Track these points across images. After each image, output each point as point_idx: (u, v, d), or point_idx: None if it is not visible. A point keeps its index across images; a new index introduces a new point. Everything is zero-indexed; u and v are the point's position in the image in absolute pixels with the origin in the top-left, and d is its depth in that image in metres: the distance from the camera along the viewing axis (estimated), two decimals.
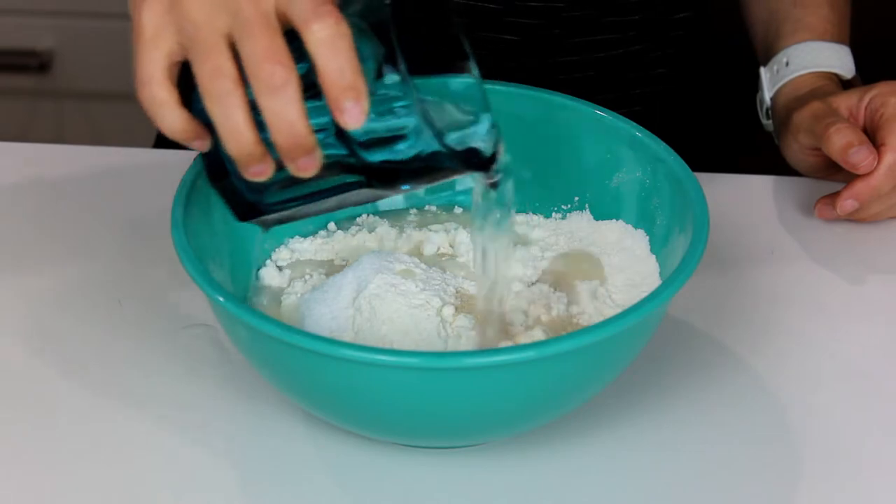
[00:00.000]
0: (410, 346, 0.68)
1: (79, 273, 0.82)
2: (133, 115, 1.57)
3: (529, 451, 0.70)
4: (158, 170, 0.87)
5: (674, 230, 0.73)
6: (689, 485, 0.69)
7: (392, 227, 0.79)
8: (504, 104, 0.79)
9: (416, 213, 0.81)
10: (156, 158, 0.95)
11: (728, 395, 0.74)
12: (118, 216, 0.87)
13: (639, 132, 0.76)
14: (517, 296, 0.73)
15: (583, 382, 0.66)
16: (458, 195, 0.82)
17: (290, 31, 0.58)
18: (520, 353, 0.61)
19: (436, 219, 0.81)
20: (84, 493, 0.67)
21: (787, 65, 0.94)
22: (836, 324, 0.80)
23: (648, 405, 0.73)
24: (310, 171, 0.60)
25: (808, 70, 0.93)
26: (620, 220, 0.78)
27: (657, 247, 0.75)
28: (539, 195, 0.81)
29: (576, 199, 0.80)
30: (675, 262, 0.67)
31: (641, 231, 0.77)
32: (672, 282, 0.65)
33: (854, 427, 0.73)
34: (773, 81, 0.95)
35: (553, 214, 0.81)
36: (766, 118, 0.97)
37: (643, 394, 0.74)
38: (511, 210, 0.67)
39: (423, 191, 0.81)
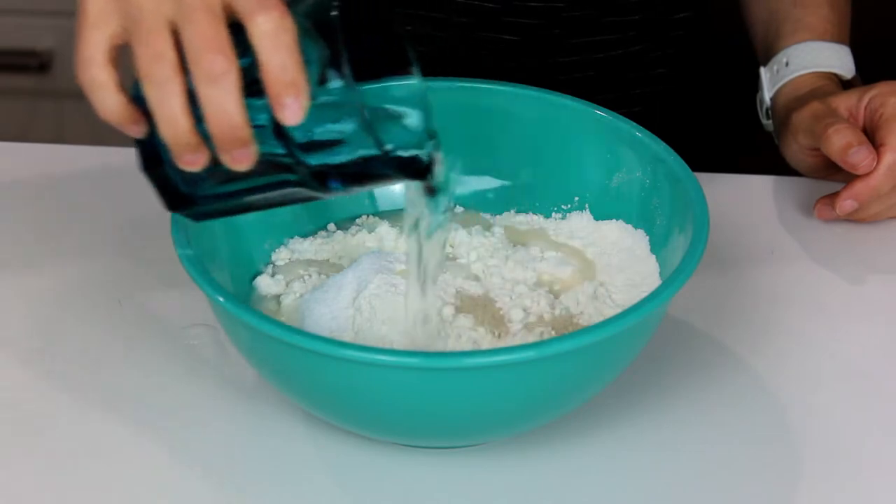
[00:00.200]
0: (410, 347, 0.68)
1: (79, 273, 0.82)
2: None
3: (529, 451, 0.70)
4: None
5: (674, 230, 0.72)
6: (689, 485, 0.69)
7: (392, 227, 0.79)
8: (504, 104, 0.80)
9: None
10: None
11: (728, 395, 0.74)
12: (118, 216, 0.87)
13: (639, 132, 0.76)
14: (519, 297, 0.73)
15: (583, 382, 0.66)
16: (458, 195, 0.82)
17: (236, 24, 0.58)
18: (520, 353, 0.61)
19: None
20: (84, 493, 0.67)
21: (787, 65, 0.94)
22: (836, 324, 0.80)
23: (648, 405, 0.73)
24: (244, 165, 0.59)
25: (808, 70, 0.93)
26: (620, 220, 0.78)
27: (657, 247, 0.75)
28: (539, 195, 0.81)
29: (576, 199, 0.80)
30: (675, 262, 0.67)
31: (641, 231, 0.77)
32: (672, 282, 0.65)
33: (854, 427, 0.73)
34: (773, 81, 0.95)
35: (553, 214, 0.81)
36: (766, 118, 0.97)
37: (643, 394, 0.74)
38: (447, 217, 0.66)
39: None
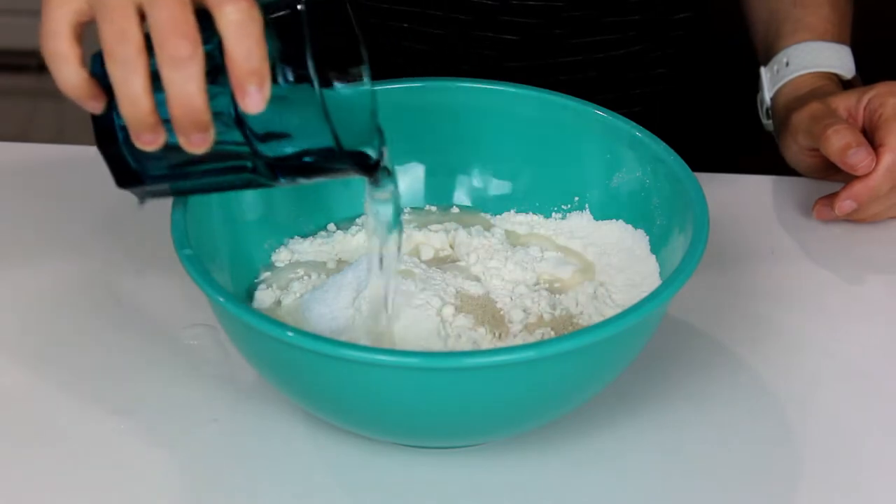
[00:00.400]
0: (410, 346, 0.68)
1: (78, 273, 0.82)
2: None
3: (529, 451, 0.70)
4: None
5: (674, 230, 0.72)
6: (689, 484, 0.69)
7: None
8: (504, 104, 0.80)
9: (416, 214, 0.81)
10: None
11: (728, 395, 0.74)
12: (118, 216, 0.87)
13: (639, 132, 0.76)
14: (520, 297, 0.73)
15: (583, 382, 0.66)
16: (457, 196, 0.82)
17: (201, 11, 0.59)
18: (520, 353, 0.61)
19: (436, 219, 0.81)
20: (83, 493, 0.67)
21: (787, 65, 0.94)
22: (836, 324, 0.80)
23: (648, 405, 0.73)
24: (201, 149, 0.60)
25: (808, 70, 0.93)
26: (620, 220, 0.78)
27: (657, 247, 0.75)
28: (539, 195, 0.81)
29: (576, 199, 0.80)
30: (675, 262, 0.67)
31: (641, 231, 0.77)
32: (672, 282, 0.65)
33: (854, 427, 0.73)
34: (773, 81, 0.95)
35: (553, 214, 0.81)
36: (767, 118, 0.97)
37: (643, 394, 0.74)
38: (400, 213, 0.68)
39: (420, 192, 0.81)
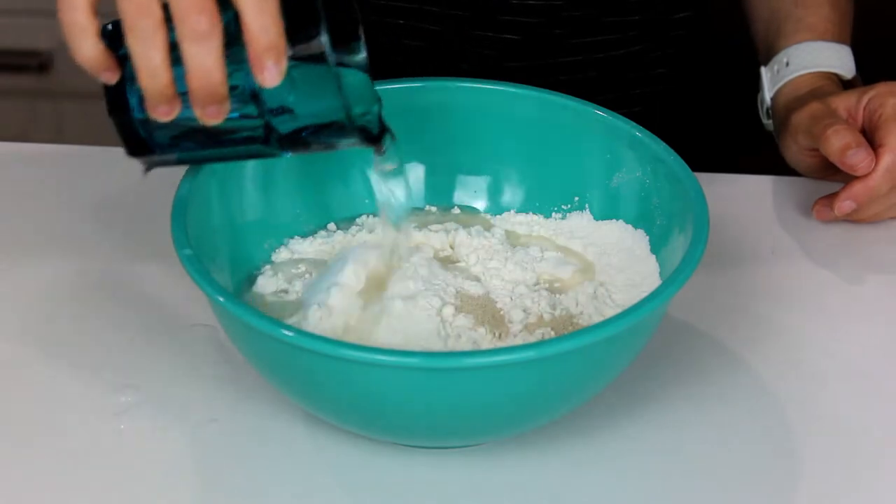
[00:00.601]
0: (410, 347, 0.68)
1: (78, 273, 0.82)
2: None
3: (529, 451, 0.70)
4: (158, 170, 0.87)
5: (674, 230, 0.72)
6: (689, 484, 0.69)
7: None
8: (504, 104, 0.80)
9: (416, 214, 0.81)
10: None
11: (728, 395, 0.74)
12: (118, 216, 0.87)
13: (639, 132, 0.76)
14: (520, 297, 0.73)
15: (583, 382, 0.66)
16: (457, 196, 0.82)
17: None
18: (520, 353, 0.61)
19: (435, 219, 0.81)
20: (83, 493, 0.67)
21: (788, 65, 0.94)
22: (836, 324, 0.80)
23: (648, 405, 0.73)
24: (215, 120, 0.62)
25: (808, 70, 0.93)
26: (620, 220, 0.78)
27: (657, 247, 0.75)
28: (539, 195, 0.81)
29: (576, 199, 0.80)
30: (675, 262, 0.67)
31: (641, 231, 0.77)
32: (672, 282, 0.65)
33: (854, 427, 0.73)
34: (774, 81, 0.95)
35: (553, 214, 0.81)
36: (767, 118, 0.97)
37: (643, 394, 0.74)
38: (407, 183, 0.71)
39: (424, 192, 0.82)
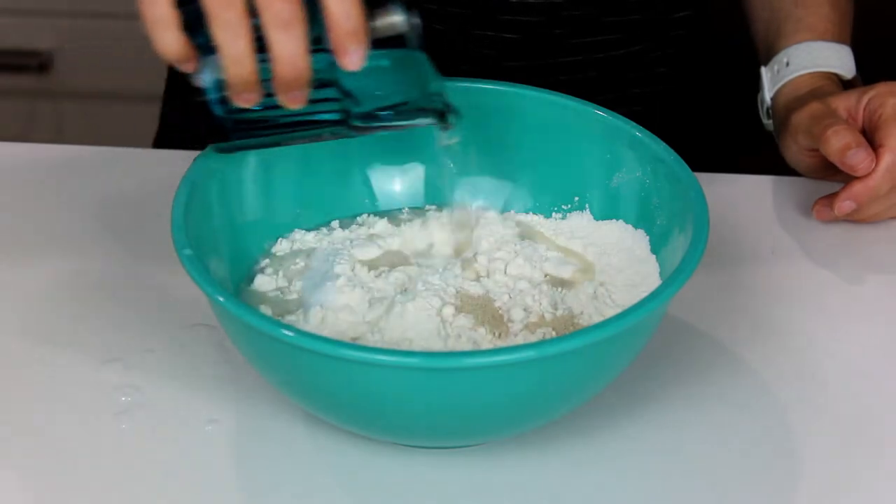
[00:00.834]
0: (410, 347, 0.68)
1: (78, 273, 0.82)
2: (133, 115, 1.58)
3: (529, 451, 0.70)
4: (158, 170, 0.87)
5: (674, 230, 0.73)
6: (689, 484, 0.69)
7: (391, 225, 0.79)
8: (504, 104, 0.80)
9: (415, 212, 0.81)
10: (156, 158, 0.95)
11: (728, 395, 0.74)
12: (118, 216, 0.87)
13: (639, 132, 0.76)
14: (520, 294, 0.73)
15: (583, 382, 0.66)
16: (457, 196, 0.82)
17: None
18: (520, 353, 0.61)
19: (435, 218, 0.80)
20: (83, 493, 0.67)
21: (788, 65, 0.94)
22: (836, 324, 0.80)
23: (648, 405, 0.73)
24: (297, 104, 0.64)
25: (808, 70, 0.93)
26: (620, 220, 0.78)
27: (657, 247, 0.75)
28: (539, 195, 0.81)
29: (576, 199, 0.80)
30: (675, 262, 0.67)
31: (641, 231, 0.77)
32: (672, 282, 0.65)
33: (854, 427, 0.73)
34: (774, 81, 0.95)
35: (553, 214, 0.81)
36: (767, 118, 0.97)
37: (643, 394, 0.74)
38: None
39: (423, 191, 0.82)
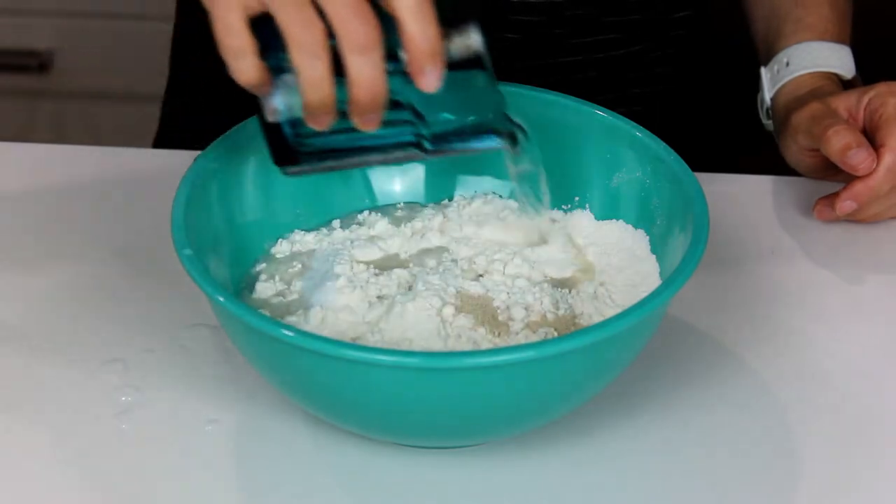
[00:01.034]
0: (410, 346, 0.68)
1: (78, 272, 0.82)
2: (133, 115, 1.57)
3: (529, 451, 0.70)
4: (158, 170, 0.87)
5: (674, 230, 0.73)
6: (689, 484, 0.69)
7: (391, 224, 0.79)
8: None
9: (415, 211, 0.81)
10: (156, 158, 0.95)
11: (728, 395, 0.74)
12: (118, 216, 0.87)
13: (639, 132, 0.76)
14: (520, 293, 0.73)
15: (583, 382, 0.66)
16: (458, 196, 0.82)
17: None
18: (520, 353, 0.61)
19: (435, 217, 0.80)
20: (83, 493, 0.67)
21: (788, 65, 0.94)
22: (836, 324, 0.80)
23: (648, 405, 0.73)
24: (372, 127, 0.64)
25: (808, 70, 0.93)
26: (620, 220, 0.78)
27: (657, 247, 0.75)
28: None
29: (576, 199, 0.80)
30: (675, 262, 0.67)
31: (641, 231, 0.77)
32: (672, 282, 0.65)
33: (854, 427, 0.73)
34: (774, 81, 0.95)
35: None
36: (767, 118, 0.97)
37: (643, 393, 0.74)
38: (539, 168, 0.72)
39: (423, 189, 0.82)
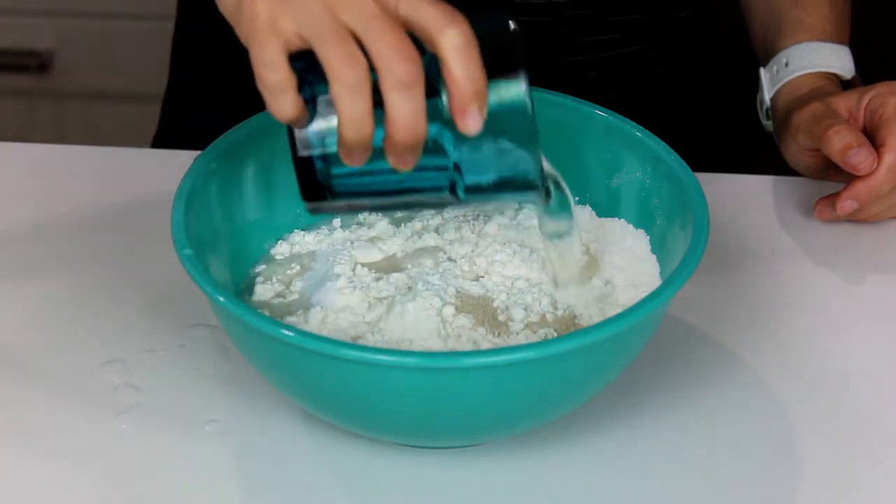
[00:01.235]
0: (410, 347, 0.68)
1: (77, 273, 0.82)
2: (133, 115, 1.57)
3: (529, 451, 0.70)
4: (158, 170, 0.87)
5: (674, 230, 0.73)
6: (689, 484, 0.69)
7: (391, 224, 0.79)
8: None
9: (415, 211, 0.81)
10: (156, 158, 0.95)
11: (728, 395, 0.74)
12: (118, 216, 0.87)
13: (639, 132, 0.76)
14: (520, 293, 0.73)
15: (583, 382, 0.66)
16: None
17: None
18: (520, 353, 0.61)
19: (434, 217, 0.80)
20: (83, 493, 0.67)
21: (787, 65, 0.94)
22: (836, 324, 0.80)
23: (648, 405, 0.73)
24: (407, 167, 0.62)
25: (808, 70, 0.93)
26: (621, 220, 0.78)
27: (657, 247, 0.75)
28: None
29: (576, 199, 0.80)
30: (675, 262, 0.67)
31: (641, 231, 0.77)
32: (672, 282, 0.65)
33: (854, 427, 0.73)
34: (773, 82, 0.95)
35: None
36: (766, 119, 0.97)
37: (643, 394, 0.74)
38: (571, 216, 0.70)
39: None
